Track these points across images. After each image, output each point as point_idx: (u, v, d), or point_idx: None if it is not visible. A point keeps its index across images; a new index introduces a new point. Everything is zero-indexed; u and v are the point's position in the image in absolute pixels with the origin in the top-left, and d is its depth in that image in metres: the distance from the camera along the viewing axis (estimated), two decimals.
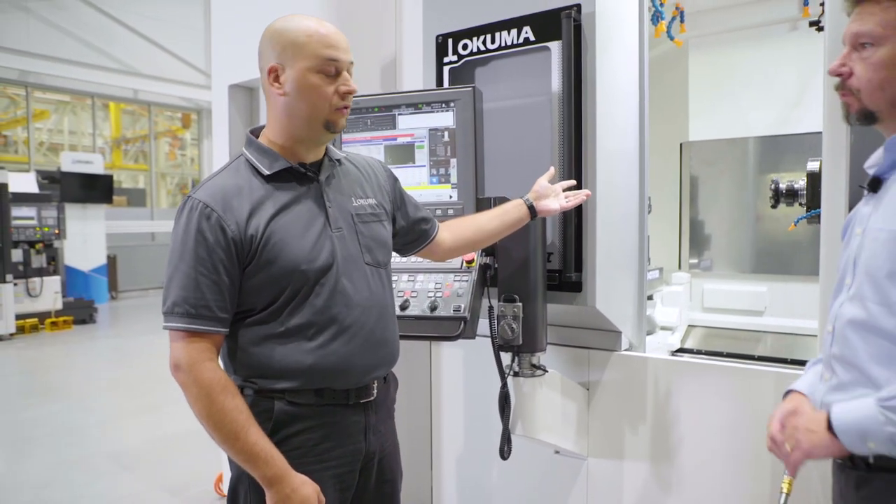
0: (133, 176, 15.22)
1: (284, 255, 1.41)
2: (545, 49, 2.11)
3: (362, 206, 1.58)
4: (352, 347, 1.48)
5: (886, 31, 1.20)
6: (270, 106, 1.48)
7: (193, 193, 1.41)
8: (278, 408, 1.43)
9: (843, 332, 1.26)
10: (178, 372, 1.37)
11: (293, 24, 1.43)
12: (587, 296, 2.07)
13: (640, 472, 2.25)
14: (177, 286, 1.37)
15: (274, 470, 1.36)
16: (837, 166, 1.64)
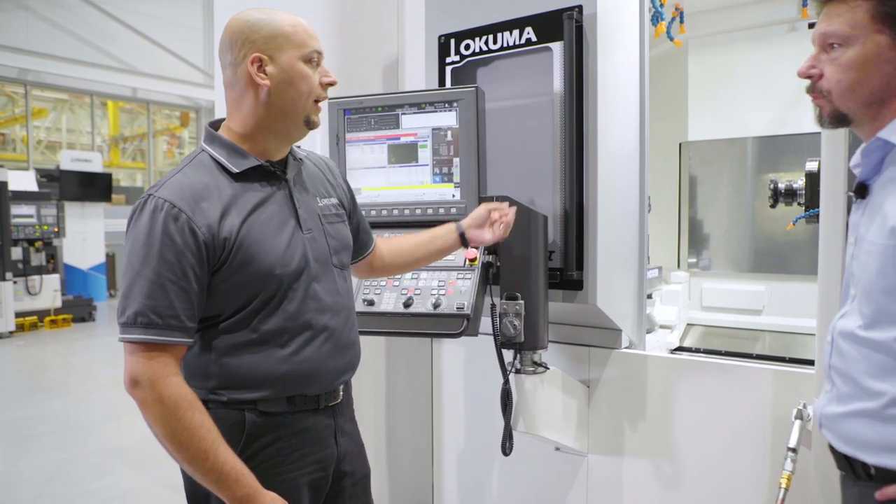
0: (131, 174, 15.22)
1: (259, 258, 1.34)
2: (547, 49, 2.13)
3: (327, 206, 1.54)
4: (323, 352, 1.44)
5: (855, 30, 1.18)
6: (242, 99, 1.38)
7: (155, 192, 1.30)
8: (250, 419, 1.35)
9: (839, 344, 1.26)
10: (137, 388, 1.24)
11: (275, 16, 1.39)
12: (588, 294, 2.10)
13: (639, 468, 2.27)
14: (140, 294, 1.24)
15: (245, 489, 1.27)
16: (835, 166, 1.66)
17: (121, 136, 14.84)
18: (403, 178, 2.13)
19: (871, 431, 1.18)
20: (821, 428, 1.31)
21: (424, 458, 2.83)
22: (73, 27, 12.33)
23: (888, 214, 1.15)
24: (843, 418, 1.23)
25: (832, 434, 1.27)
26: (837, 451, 1.27)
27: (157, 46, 13.38)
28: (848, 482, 1.27)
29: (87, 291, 10.81)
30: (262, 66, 1.36)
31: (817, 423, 1.33)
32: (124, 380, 1.26)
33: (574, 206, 2.07)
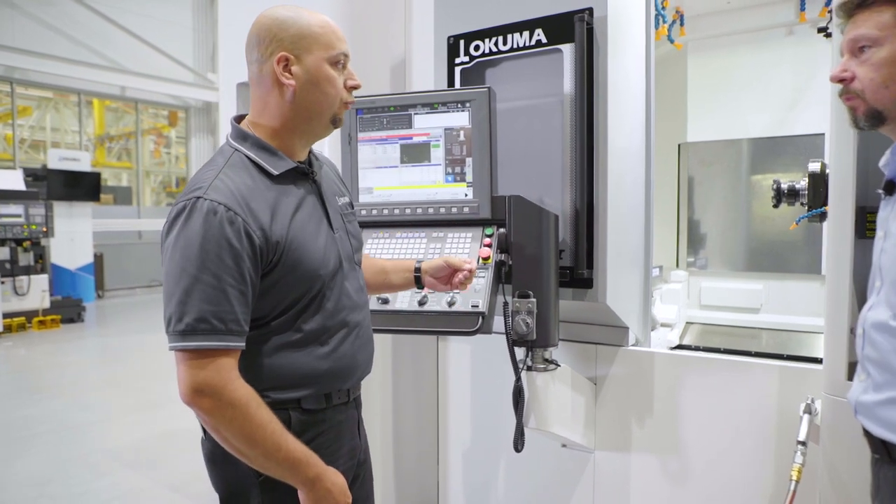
0: (116, 174, 15.08)
1: (306, 260, 1.36)
2: (557, 51, 2.16)
3: (345, 205, 1.57)
4: (356, 347, 1.48)
5: (883, 31, 1.26)
6: (268, 97, 1.38)
7: (205, 195, 1.26)
8: (295, 418, 1.38)
9: (871, 335, 1.32)
10: (203, 397, 1.22)
11: (304, 15, 1.37)
12: (598, 292, 2.13)
13: (646, 464, 2.31)
14: (199, 299, 1.21)
15: (316, 469, 1.32)
16: (844, 167, 1.70)
17: (106, 135, 14.70)
18: (416, 178, 2.14)
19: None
20: (856, 415, 1.37)
21: (430, 456, 2.85)
22: (61, 25, 12.22)
23: None
24: (879, 405, 1.29)
25: (868, 420, 1.33)
26: (873, 436, 1.33)
27: (146, 45, 13.28)
28: (882, 465, 1.34)
29: (76, 292, 10.71)
30: (288, 66, 1.35)
31: (853, 410, 1.39)
32: (184, 391, 1.24)
33: (584, 206, 2.10)
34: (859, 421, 1.36)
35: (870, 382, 1.33)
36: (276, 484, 1.34)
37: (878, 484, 1.36)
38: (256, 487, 1.36)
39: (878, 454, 1.34)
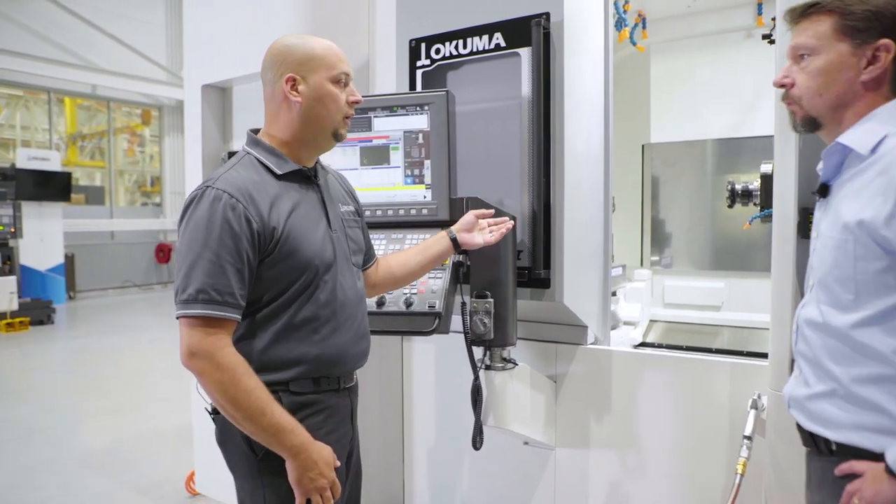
0: (89, 173, 14.87)
1: (302, 249, 1.49)
2: (515, 55, 2.20)
3: (347, 213, 1.71)
4: (347, 339, 1.60)
5: (821, 41, 1.32)
6: (279, 113, 1.56)
7: (213, 184, 1.45)
8: (285, 399, 1.48)
9: (802, 331, 1.38)
10: (196, 360, 1.38)
11: (310, 41, 1.56)
12: (555, 291, 2.17)
13: (605, 460, 2.35)
14: (201, 273, 1.38)
15: (300, 438, 1.43)
16: (787, 170, 1.76)
17: (79, 133, 14.49)
18: (376, 180, 2.17)
19: (833, 411, 1.29)
20: (790, 409, 1.42)
21: (395, 455, 2.87)
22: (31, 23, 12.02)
23: (841, 212, 1.28)
24: (809, 399, 1.35)
25: (800, 413, 1.38)
26: (804, 430, 1.38)
27: (118, 43, 13.12)
28: (812, 458, 1.39)
29: (46, 293, 10.54)
30: (296, 86, 1.53)
31: (787, 404, 1.44)
32: (181, 352, 1.39)
33: (542, 207, 2.14)
34: (792, 415, 1.41)
35: (802, 378, 1.38)
36: (273, 465, 1.45)
37: (809, 475, 1.41)
38: (255, 466, 1.49)
39: (808, 447, 1.39)
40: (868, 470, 1.22)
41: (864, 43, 1.29)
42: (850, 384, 1.26)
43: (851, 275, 1.25)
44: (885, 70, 1.29)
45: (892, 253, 1.20)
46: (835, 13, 1.31)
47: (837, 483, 1.27)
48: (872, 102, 1.31)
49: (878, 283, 1.22)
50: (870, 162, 1.26)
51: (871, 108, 1.31)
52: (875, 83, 1.30)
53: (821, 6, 1.32)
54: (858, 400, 1.25)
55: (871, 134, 1.27)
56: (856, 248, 1.24)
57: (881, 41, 1.28)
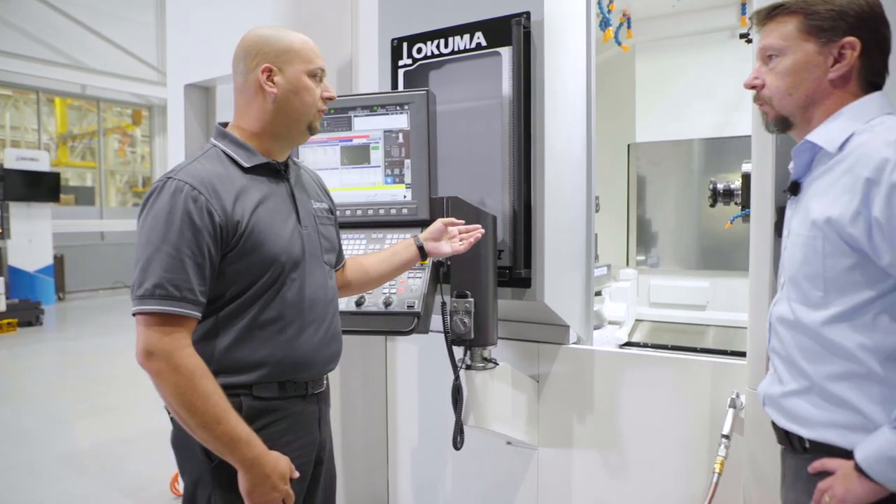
0: (80, 174, 14.79)
1: (267, 244, 1.44)
2: (496, 54, 2.19)
3: (320, 209, 1.66)
4: (315, 341, 1.54)
5: (787, 42, 1.33)
6: (251, 104, 1.52)
7: (174, 175, 1.39)
8: (246, 404, 1.42)
9: (775, 329, 1.39)
10: (153, 360, 1.30)
11: (286, 33, 1.53)
12: (536, 291, 2.16)
13: (588, 459, 2.35)
14: (159, 267, 1.32)
15: (255, 451, 1.36)
16: (764, 169, 1.76)
17: (69, 133, 14.41)
18: (356, 179, 2.16)
19: (806, 409, 1.30)
20: (764, 406, 1.43)
21: (379, 455, 2.86)
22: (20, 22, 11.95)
23: (811, 209, 1.29)
24: (784, 397, 1.35)
25: (774, 411, 1.39)
26: (779, 428, 1.39)
27: (107, 43, 13.05)
28: (787, 455, 1.40)
29: (34, 294, 10.48)
30: (272, 76, 1.49)
31: (761, 402, 1.44)
32: (137, 351, 1.32)
33: (522, 207, 2.13)
34: (767, 413, 1.41)
35: (776, 376, 1.39)
36: (228, 471, 1.38)
37: (784, 472, 1.42)
38: (209, 473, 1.42)
39: (783, 444, 1.39)
40: (839, 468, 1.23)
41: (830, 41, 1.29)
42: (822, 382, 1.26)
43: (820, 272, 1.26)
44: (851, 68, 1.30)
45: (859, 250, 1.20)
46: (799, 13, 1.31)
47: (811, 480, 1.28)
48: (840, 100, 1.32)
49: (847, 280, 1.23)
50: (837, 160, 1.27)
51: (839, 106, 1.32)
52: (842, 81, 1.31)
53: (785, 7, 1.33)
54: (831, 397, 1.25)
55: (839, 131, 1.28)
56: (824, 246, 1.24)
57: (846, 39, 1.28)
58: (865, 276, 1.21)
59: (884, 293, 1.20)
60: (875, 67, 1.32)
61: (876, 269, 1.20)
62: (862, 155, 1.21)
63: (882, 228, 1.16)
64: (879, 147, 1.19)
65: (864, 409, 1.21)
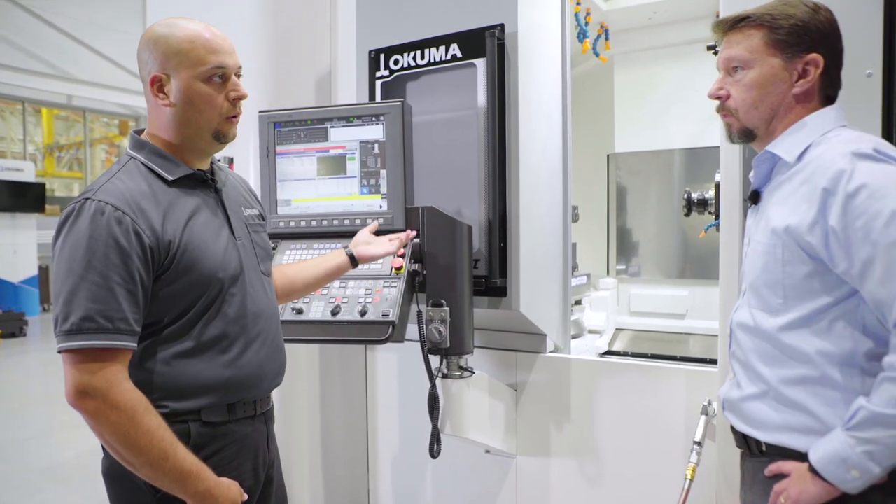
0: (67, 184, 14.72)
1: (202, 262, 1.35)
2: (471, 65, 2.22)
3: (251, 216, 1.57)
4: (261, 357, 1.46)
5: (753, 54, 1.35)
6: (156, 116, 1.40)
7: (93, 195, 1.26)
8: (195, 431, 1.34)
9: (735, 335, 1.42)
10: (87, 400, 1.20)
11: (175, 31, 1.35)
12: (512, 300, 2.18)
13: (565, 467, 2.37)
14: (86, 298, 1.20)
15: (206, 483, 1.29)
16: (732, 179, 1.79)
17: (55, 144, 14.35)
18: (332, 190, 2.17)
19: (763, 413, 1.33)
20: (724, 411, 1.46)
21: (359, 463, 2.87)
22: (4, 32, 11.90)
23: (770, 217, 1.32)
24: (741, 401, 1.38)
25: (733, 415, 1.42)
26: (737, 431, 1.41)
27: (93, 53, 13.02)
28: (745, 458, 1.42)
29: (19, 305, 10.41)
30: (162, 86, 1.35)
31: (721, 407, 1.47)
32: (68, 392, 1.22)
33: (497, 216, 2.15)
34: (726, 417, 1.43)
35: (735, 380, 1.41)
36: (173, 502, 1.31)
37: (743, 476, 1.44)
38: None
39: (741, 448, 1.42)
40: (794, 470, 1.25)
41: (795, 57, 1.33)
42: (778, 385, 1.29)
43: (780, 279, 1.28)
44: (814, 84, 1.34)
45: (816, 258, 1.23)
46: (765, 27, 1.34)
47: (768, 483, 1.30)
48: (802, 114, 1.35)
49: (805, 287, 1.26)
50: (796, 170, 1.30)
51: (800, 119, 1.35)
52: (805, 96, 1.35)
53: (751, 19, 1.35)
54: (786, 401, 1.28)
55: (798, 143, 1.31)
56: (784, 254, 1.27)
57: (810, 56, 1.32)
58: (823, 283, 1.24)
59: (840, 300, 1.24)
60: (833, 82, 1.37)
61: (833, 277, 1.23)
62: (819, 166, 1.24)
63: (838, 237, 1.19)
64: (835, 158, 1.22)
65: (819, 412, 1.24)
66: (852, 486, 1.18)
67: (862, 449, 1.15)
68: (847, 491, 1.19)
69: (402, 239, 1.93)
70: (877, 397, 1.15)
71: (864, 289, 1.19)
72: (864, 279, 1.17)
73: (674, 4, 3.17)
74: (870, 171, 1.18)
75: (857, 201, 1.17)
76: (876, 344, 1.22)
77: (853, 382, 1.23)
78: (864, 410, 1.16)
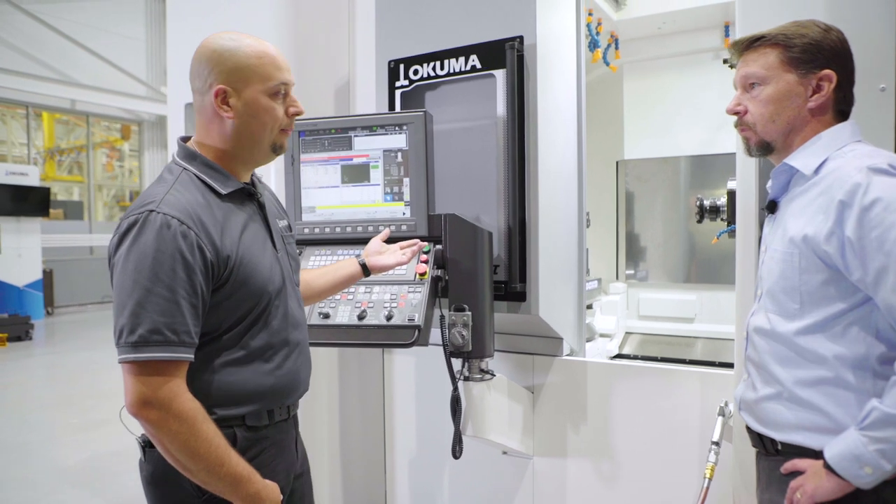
0: (67, 188, 14.76)
1: (255, 275, 1.40)
2: (490, 76, 2.28)
3: (284, 228, 1.62)
4: (298, 364, 1.53)
5: (769, 71, 1.42)
6: (211, 126, 1.42)
7: (157, 208, 1.28)
8: (241, 435, 1.40)
9: (752, 338, 1.48)
10: (150, 409, 1.24)
11: (242, 46, 1.40)
12: (531, 305, 2.24)
13: (581, 468, 2.42)
14: (154, 311, 1.24)
15: (256, 486, 1.35)
16: (748, 188, 1.85)
17: (56, 148, 14.39)
18: (356, 197, 2.23)
19: (778, 413, 1.39)
20: (740, 411, 1.53)
21: (377, 465, 2.92)
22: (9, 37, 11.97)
23: (788, 227, 1.39)
24: (757, 402, 1.44)
25: (749, 416, 1.48)
26: (753, 431, 1.48)
27: (98, 58, 13.09)
28: (760, 458, 1.49)
29: (24, 309, 10.44)
30: (227, 99, 1.38)
31: (737, 407, 1.53)
32: (131, 402, 1.26)
33: (517, 223, 2.21)
34: (742, 417, 1.50)
35: (751, 381, 1.48)
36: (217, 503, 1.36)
37: (758, 474, 1.51)
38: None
39: (757, 447, 1.49)
40: (809, 467, 1.32)
41: (809, 73, 1.40)
42: (793, 387, 1.35)
43: (797, 286, 1.35)
44: (828, 98, 1.40)
45: (832, 266, 1.30)
46: (779, 45, 1.41)
47: (783, 480, 1.37)
48: (817, 128, 1.42)
49: (821, 293, 1.32)
50: (813, 182, 1.37)
51: (815, 133, 1.42)
52: (820, 110, 1.42)
53: (766, 39, 1.43)
54: (801, 401, 1.35)
55: (815, 156, 1.38)
56: (801, 261, 1.34)
57: (824, 72, 1.39)
58: (838, 290, 1.31)
59: (854, 306, 1.30)
60: (846, 98, 1.43)
61: (848, 284, 1.30)
62: (836, 179, 1.31)
63: (853, 247, 1.26)
64: (852, 172, 1.29)
65: (832, 412, 1.31)
66: (865, 482, 1.25)
67: (875, 447, 1.23)
68: (860, 486, 1.26)
69: (414, 250, 1.98)
70: (888, 399, 1.22)
71: (877, 296, 1.25)
72: (878, 287, 1.24)
73: (682, 15, 3.24)
74: (884, 185, 1.25)
75: (872, 213, 1.24)
76: (888, 348, 1.29)
77: (865, 384, 1.30)
78: (877, 411, 1.23)
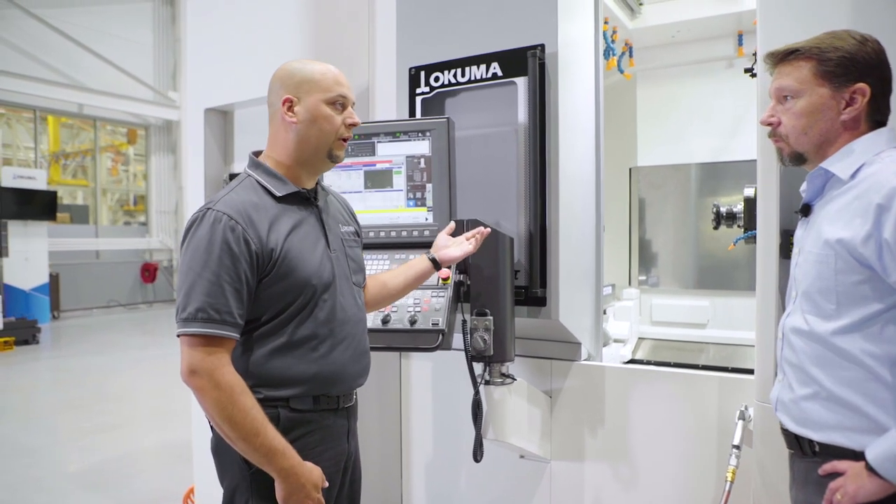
0: (71, 192, 14.82)
1: (299, 269, 1.55)
2: (512, 83, 2.31)
3: (347, 233, 1.77)
4: (346, 357, 1.65)
5: (802, 85, 1.45)
6: (278, 138, 1.63)
7: (213, 206, 1.50)
8: (283, 415, 1.54)
9: (788, 339, 1.50)
10: (196, 377, 1.42)
11: (308, 64, 1.63)
12: (551, 310, 2.26)
13: (599, 472, 2.43)
14: (201, 292, 1.43)
15: (291, 461, 1.47)
16: (769, 194, 1.87)
17: (62, 151, 14.46)
18: (379, 203, 2.26)
19: (816, 414, 1.41)
20: (776, 411, 1.54)
21: (394, 468, 2.93)
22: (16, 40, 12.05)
23: (823, 230, 1.42)
24: (794, 402, 1.46)
25: (785, 416, 1.50)
26: (789, 432, 1.49)
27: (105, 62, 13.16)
28: (796, 459, 1.50)
29: (30, 313, 10.48)
30: (292, 107, 1.60)
31: (773, 407, 1.55)
32: (182, 370, 1.44)
33: (537, 229, 2.24)
34: (778, 417, 1.51)
35: (787, 382, 1.50)
36: (265, 478, 1.49)
37: (793, 475, 1.52)
38: (247, 480, 1.53)
39: (792, 449, 1.50)
40: (849, 468, 1.33)
41: (842, 86, 1.42)
42: (831, 387, 1.37)
43: (833, 286, 1.37)
44: (861, 111, 1.43)
45: (869, 267, 1.33)
46: (813, 59, 1.43)
47: (822, 482, 1.38)
48: (850, 139, 1.44)
49: (857, 294, 1.35)
50: (849, 186, 1.39)
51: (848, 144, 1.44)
52: (853, 123, 1.44)
53: (800, 52, 1.45)
54: (839, 401, 1.37)
55: (851, 162, 1.40)
56: (836, 263, 1.36)
57: (857, 85, 1.41)
58: (874, 291, 1.33)
59: (891, 306, 1.33)
60: (880, 108, 1.45)
61: (884, 285, 1.32)
62: (874, 183, 1.33)
63: (891, 249, 1.28)
64: (889, 177, 1.31)
65: (871, 412, 1.33)
66: None
67: None
68: None
69: (478, 238, 2.01)
70: None
71: None
72: None
73: (696, 24, 3.27)
74: None
75: None
76: None
77: None
78: None
